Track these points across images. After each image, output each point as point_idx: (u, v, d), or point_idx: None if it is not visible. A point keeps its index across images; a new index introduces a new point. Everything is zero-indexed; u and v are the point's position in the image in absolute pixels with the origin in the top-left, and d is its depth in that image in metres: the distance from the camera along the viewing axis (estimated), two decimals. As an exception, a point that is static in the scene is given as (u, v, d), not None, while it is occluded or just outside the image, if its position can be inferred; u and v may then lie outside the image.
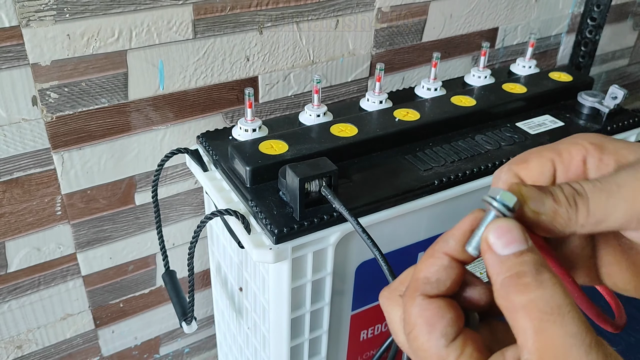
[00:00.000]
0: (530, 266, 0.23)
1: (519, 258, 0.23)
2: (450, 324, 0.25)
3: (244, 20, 0.74)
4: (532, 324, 0.22)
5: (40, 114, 0.67)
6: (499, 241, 0.24)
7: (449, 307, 0.25)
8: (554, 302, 0.22)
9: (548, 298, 0.22)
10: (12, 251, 0.74)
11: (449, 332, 0.25)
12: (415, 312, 0.25)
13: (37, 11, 0.62)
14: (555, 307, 0.22)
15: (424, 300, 0.25)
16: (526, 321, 0.22)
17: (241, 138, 0.69)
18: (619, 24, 1.17)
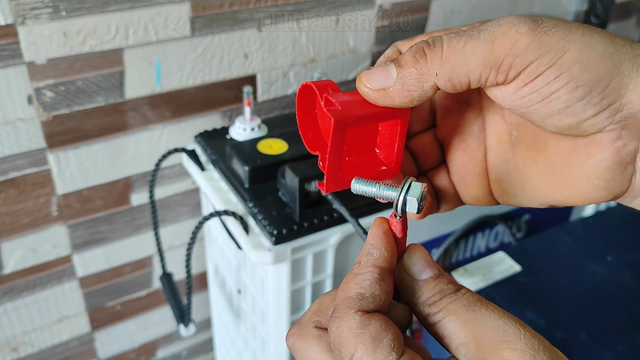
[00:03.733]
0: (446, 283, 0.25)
1: (436, 280, 0.25)
2: (397, 337, 0.23)
3: (243, 18, 0.73)
4: (463, 317, 0.24)
5: (36, 113, 0.66)
6: (415, 267, 0.26)
7: (389, 323, 0.23)
8: (473, 298, 0.24)
9: (468, 297, 0.24)
10: (7, 252, 0.73)
11: (397, 346, 0.23)
12: (356, 331, 0.23)
13: (33, 9, 0.61)
14: (476, 301, 0.24)
15: (363, 316, 0.23)
16: (457, 317, 0.24)
17: (240, 137, 0.68)
18: (623, 22, 1.16)
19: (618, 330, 0.59)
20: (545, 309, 0.61)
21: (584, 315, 0.60)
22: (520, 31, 0.23)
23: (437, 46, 0.24)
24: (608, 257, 0.68)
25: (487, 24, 0.24)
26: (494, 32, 0.23)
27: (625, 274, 0.66)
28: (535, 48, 0.23)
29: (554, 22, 0.23)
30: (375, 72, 0.25)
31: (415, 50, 0.24)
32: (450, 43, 0.23)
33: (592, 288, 0.64)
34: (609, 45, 0.23)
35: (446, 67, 0.24)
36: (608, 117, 0.23)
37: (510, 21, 0.23)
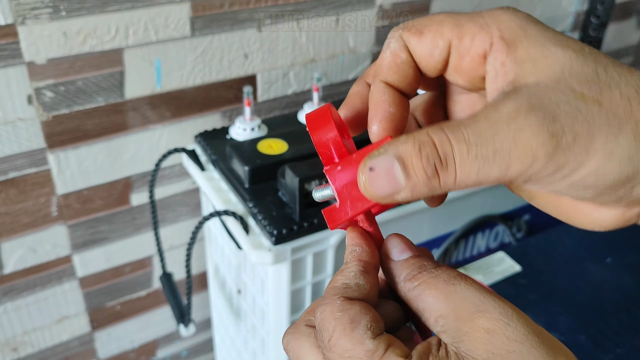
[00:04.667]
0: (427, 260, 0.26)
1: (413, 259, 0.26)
2: (375, 319, 0.24)
3: (243, 18, 0.73)
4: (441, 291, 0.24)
5: (36, 113, 0.66)
6: (395, 250, 0.27)
7: (369, 309, 0.24)
8: (452, 273, 0.25)
9: (447, 271, 0.25)
10: (7, 252, 0.73)
11: (373, 327, 0.23)
12: (336, 314, 0.24)
13: (33, 9, 0.61)
14: (456, 275, 0.25)
15: (344, 302, 0.24)
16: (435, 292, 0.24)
17: (240, 137, 0.68)
18: (623, 22, 1.16)
19: (617, 332, 0.59)
20: (544, 309, 0.61)
21: (583, 316, 0.60)
22: (538, 155, 0.22)
23: (450, 167, 0.23)
24: (608, 259, 0.68)
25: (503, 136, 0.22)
26: (510, 154, 0.22)
27: (625, 276, 0.66)
28: (553, 166, 0.22)
29: (577, 129, 0.22)
30: (379, 178, 0.23)
31: (425, 164, 0.23)
32: (463, 167, 0.22)
33: (592, 289, 0.64)
34: (632, 146, 0.22)
35: (459, 186, 0.24)
36: (620, 205, 0.24)
37: (527, 139, 0.22)
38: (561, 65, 0.23)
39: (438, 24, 0.25)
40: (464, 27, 0.25)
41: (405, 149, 0.23)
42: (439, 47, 0.25)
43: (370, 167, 0.23)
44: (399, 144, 0.23)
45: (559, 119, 0.21)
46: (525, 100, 0.22)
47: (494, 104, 0.22)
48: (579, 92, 0.22)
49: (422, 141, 0.23)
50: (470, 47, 0.25)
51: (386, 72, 0.26)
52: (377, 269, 0.27)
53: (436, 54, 0.25)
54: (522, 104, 0.22)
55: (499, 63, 0.24)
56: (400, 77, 0.26)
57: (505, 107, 0.22)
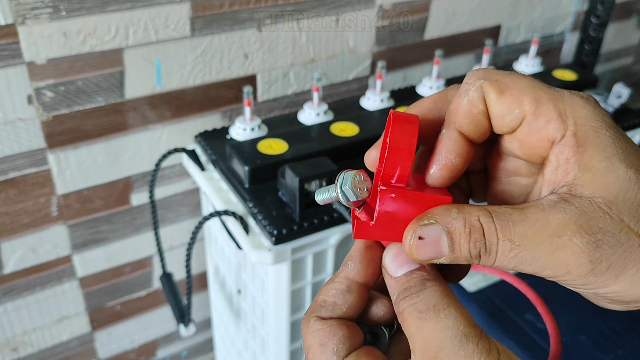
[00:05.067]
0: (416, 280, 0.25)
1: (408, 277, 0.25)
2: (342, 341, 0.25)
3: (243, 18, 0.73)
4: (414, 325, 0.24)
5: (36, 113, 0.66)
6: (392, 265, 0.26)
7: (340, 326, 0.26)
8: (430, 301, 0.24)
9: (426, 299, 0.24)
10: (7, 252, 0.73)
11: (340, 349, 0.25)
12: (309, 334, 0.26)
13: (33, 9, 0.61)
14: (431, 306, 0.24)
15: (316, 322, 0.26)
16: (410, 324, 0.24)
17: (240, 137, 0.68)
18: (623, 22, 1.16)
19: (618, 332, 0.59)
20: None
21: (584, 317, 0.60)
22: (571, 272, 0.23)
23: (491, 256, 0.24)
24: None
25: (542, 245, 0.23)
26: (546, 264, 0.23)
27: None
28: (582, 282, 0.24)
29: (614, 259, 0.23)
30: (425, 247, 0.25)
31: (472, 247, 0.24)
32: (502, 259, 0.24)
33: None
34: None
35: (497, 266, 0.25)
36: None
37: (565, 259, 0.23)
38: (618, 188, 0.23)
39: (520, 91, 0.25)
40: (543, 107, 0.25)
41: (455, 227, 0.24)
42: (514, 115, 0.25)
43: (420, 236, 0.25)
44: (451, 219, 0.24)
45: (601, 249, 0.23)
46: (574, 219, 0.23)
47: (545, 210, 0.24)
48: (626, 224, 0.23)
49: (472, 225, 0.24)
50: (542, 129, 0.25)
51: (461, 121, 0.26)
52: (366, 286, 0.27)
53: (507, 120, 0.26)
54: (570, 222, 0.23)
55: (564, 158, 0.25)
56: (476, 128, 0.27)
57: (554, 218, 0.23)
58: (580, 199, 0.23)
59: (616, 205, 0.23)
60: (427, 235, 0.25)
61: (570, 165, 0.24)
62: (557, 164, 0.25)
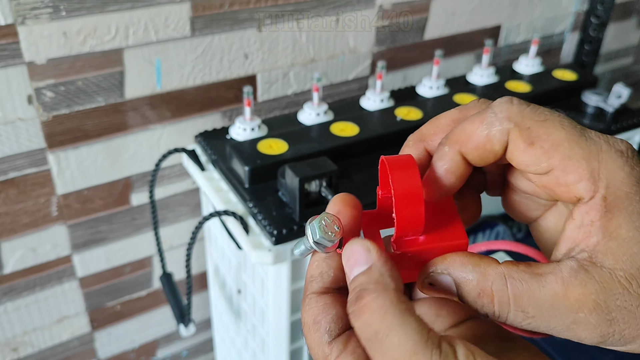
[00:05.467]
0: (357, 291, 0.23)
1: (354, 283, 0.23)
2: (334, 320, 0.25)
3: (243, 18, 0.73)
4: (368, 353, 0.22)
5: (36, 113, 0.66)
6: (347, 265, 0.24)
7: (335, 303, 0.25)
8: (371, 327, 0.22)
9: (366, 324, 0.22)
10: (7, 252, 0.73)
11: (332, 329, 0.25)
12: (305, 311, 0.25)
13: (33, 9, 0.61)
14: (372, 333, 0.21)
15: (311, 299, 0.25)
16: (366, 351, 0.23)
17: (240, 137, 0.68)
18: (623, 22, 1.16)
19: (618, 331, 0.59)
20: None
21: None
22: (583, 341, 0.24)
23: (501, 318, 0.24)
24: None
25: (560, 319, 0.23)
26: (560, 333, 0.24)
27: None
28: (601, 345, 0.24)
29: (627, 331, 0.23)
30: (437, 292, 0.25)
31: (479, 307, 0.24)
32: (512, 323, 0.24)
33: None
34: None
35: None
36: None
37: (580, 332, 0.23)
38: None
39: (552, 144, 0.24)
40: (575, 165, 0.23)
41: (466, 286, 0.24)
42: (541, 168, 0.24)
43: (430, 283, 0.25)
44: (463, 274, 0.24)
45: (615, 325, 0.23)
46: (593, 296, 0.23)
47: (565, 282, 0.23)
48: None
49: (483, 290, 0.24)
50: (571, 185, 0.24)
51: (469, 148, 0.25)
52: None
53: (533, 169, 0.24)
54: (589, 299, 0.23)
55: (589, 220, 0.24)
56: (481, 159, 0.25)
57: (573, 293, 0.23)
58: (600, 270, 0.23)
59: (636, 280, 0.23)
60: (437, 284, 0.25)
61: (594, 229, 0.23)
62: (580, 223, 0.24)
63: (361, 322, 0.22)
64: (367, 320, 0.22)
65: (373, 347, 0.22)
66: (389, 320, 0.21)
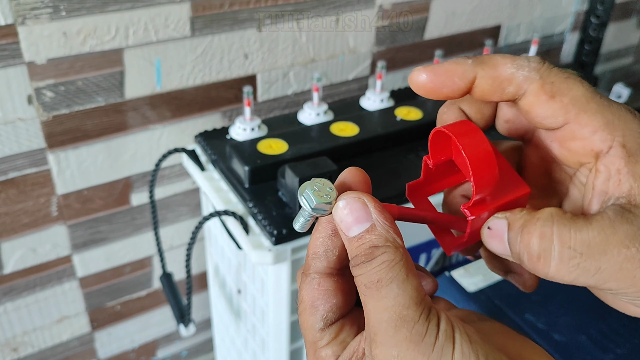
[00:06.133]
0: (365, 247, 0.23)
1: (359, 241, 0.24)
2: (332, 309, 0.25)
3: (243, 18, 0.73)
4: (362, 298, 0.23)
5: (36, 113, 0.66)
6: (342, 224, 0.24)
7: (336, 291, 0.25)
8: (374, 276, 0.23)
9: (370, 272, 0.23)
10: (7, 252, 0.73)
11: (328, 317, 0.25)
12: (305, 289, 0.25)
13: (33, 9, 0.61)
14: (374, 281, 0.23)
15: (314, 280, 0.25)
16: (360, 296, 0.23)
17: (240, 137, 0.68)
18: (623, 22, 1.16)
19: (618, 332, 0.59)
20: (545, 311, 0.60)
21: (583, 317, 0.60)
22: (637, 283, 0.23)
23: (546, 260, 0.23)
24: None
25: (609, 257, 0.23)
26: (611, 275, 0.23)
27: (625, 275, 0.66)
28: None
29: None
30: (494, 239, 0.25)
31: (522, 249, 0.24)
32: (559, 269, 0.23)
33: (593, 289, 0.64)
34: None
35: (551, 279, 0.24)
36: None
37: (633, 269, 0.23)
38: None
39: (571, 100, 0.25)
40: (590, 117, 0.24)
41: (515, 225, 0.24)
42: (557, 120, 0.25)
43: (489, 227, 0.25)
44: (516, 217, 0.24)
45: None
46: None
47: (612, 220, 0.23)
48: None
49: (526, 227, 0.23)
50: (587, 137, 0.25)
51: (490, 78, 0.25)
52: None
53: (549, 123, 0.25)
54: (637, 233, 0.23)
55: (615, 169, 0.24)
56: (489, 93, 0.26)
57: (621, 228, 0.23)
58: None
59: None
60: (494, 227, 0.25)
61: (623, 176, 0.24)
62: (607, 174, 0.24)
63: (366, 269, 0.23)
64: (374, 268, 0.23)
65: (369, 293, 0.23)
66: (394, 273, 0.22)
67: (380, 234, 0.23)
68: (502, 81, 0.25)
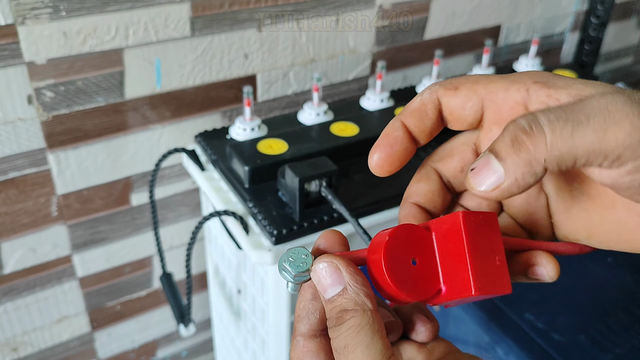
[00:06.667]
0: (336, 311, 0.25)
1: (332, 304, 0.25)
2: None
3: (243, 18, 0.73)
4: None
5: (36, 113, 0.66)
6: (319, 287, 0.26)
7: (319, 351, 0.26)
8: (342, 341, 0.24)
9: (340, 337, 0.24)
10: (7, 252, 0.73)
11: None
12: (293, 352, 0.27)
13: (33, 9, 0.61)
14: (343, 346, 0.24)
15: (298, 342, 0.27)
16: None
17: (240, 137, 0.68)
18: (623, 22, 1.16)
19: (617, 332, 0.59)
20: (544, 310, 0.61)
21: (583, 317, 0.60)
22: (635, 124, 0.22)
23: (539, 132, 0.23)
24: (608, 259, 0.68)
25: (593, 105, 0.23)
26: (606, 121, 0.22)
27: (625, 276, 0.66)
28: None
29: None
30: (480, 172, 0.24)
31: (511, 138, 0.23)
32: (554, 129, 0.23)
33: (592, 289, 0.64)
34: None
35: (553, 154, 0.23)
36: None
37: (623, 111, 0.22)
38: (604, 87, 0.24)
39: (472, 82, 0.27)
40: (496, 83, 0.26)
41: (496, 142, 0.24)
42: (472, 101, 0.27)
43: (472, 168, 0.25)
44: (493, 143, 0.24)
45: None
46: (604, 90, 0.23)
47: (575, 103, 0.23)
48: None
49: (507, 127, 0.24)
50: (506, 97, 0.26)
51: (408, 115, 0.28)
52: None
53: (468, 108, 0.27)
54: (605, 90, 0.23)
55: (544, 96, 0.25)
56: (419, 124, 0.28)
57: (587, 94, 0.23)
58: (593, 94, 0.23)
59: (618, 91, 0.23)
60: (477, 164, 0.24)
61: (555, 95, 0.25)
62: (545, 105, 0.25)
63: (337, 335, 0.24)
64: (342, 334, 0.24)
65: (339, 358, 0.24)
66: (360, 338, 0.24)
67: (350, 297, 0.25)
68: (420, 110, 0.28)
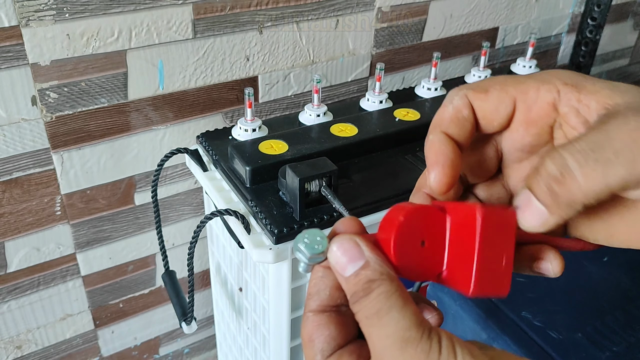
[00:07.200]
0: (362, 283, 0.25)
1: (356, 278, 0.25)
2: (327, 340, 0.26)
3: (244, 20, 0.74)
4: (364, 330, 0.24)
5: (40, 113, 0.67)
6: (338, 266, 0.26)
7: (329, 324, 0.26)
8: (374, 307, 0.24)
9: (370, 304, 0.24)
10: (11, 251, 0.74)
11: (324, 349, 0.26)
12: (303, 327, 0.27)
13: (37, 11, 0.61)
14: (374, 312, 0.24)
15: (308, 317, 0.27)
16: (362, 329, 0.25)
17: (241, 138, 0.68)
18: (619, 24, 1.17)
19: (614, 330, 0.60)
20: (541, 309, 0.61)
21: (579, 315, 0.61)
22: None
23: (571, 179, 0.23)
24: (605, 258, 0.68)
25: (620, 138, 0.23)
26: (633, 153, 0.22)
27: (621, 275, 0.66)
28: None
29: None
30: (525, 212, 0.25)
31: (547, 186, 0.24)
32: (586, 174, 0.23)
33: (588, 288, 0.64)
34: None
35: (589, 195, 0.23)
36: None
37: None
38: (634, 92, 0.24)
39: (502, 83, 0.27)
40: (527, 83, 0.26)
41: (534, 186, 0.24)
42: (505, 103, 0.27)
43: (516, 206, 0.25)
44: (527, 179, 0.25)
45: None
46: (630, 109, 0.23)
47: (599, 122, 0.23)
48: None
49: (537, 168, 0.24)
50: (537, 98, 0.26)
51: (447, 125, 0.28)
52: None
53: (502, 109, 0.27)
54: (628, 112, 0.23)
55: (575, 100, 0.25)
56: (460, 131, 0.28)
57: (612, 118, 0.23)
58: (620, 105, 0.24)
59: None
60: (520, 202, 0.25)
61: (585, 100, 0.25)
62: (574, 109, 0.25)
63: (366, 302, 0.24)
64: (372, 301, 0.24)
65: (371, 323, 0.24)
66: (392, 301, 0.24)
67: (375, 268, 0.25)
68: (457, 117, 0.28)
